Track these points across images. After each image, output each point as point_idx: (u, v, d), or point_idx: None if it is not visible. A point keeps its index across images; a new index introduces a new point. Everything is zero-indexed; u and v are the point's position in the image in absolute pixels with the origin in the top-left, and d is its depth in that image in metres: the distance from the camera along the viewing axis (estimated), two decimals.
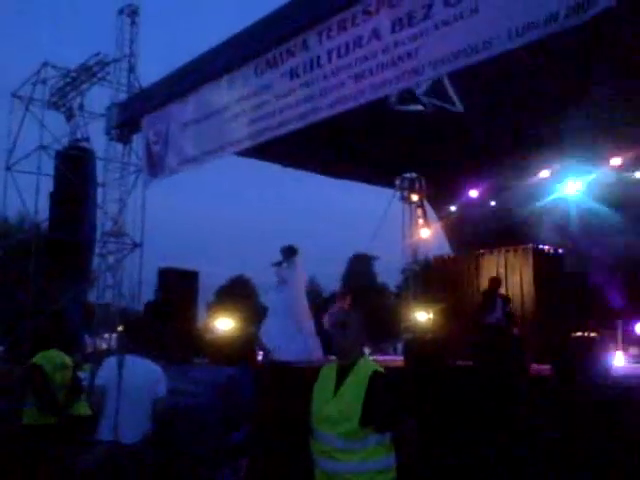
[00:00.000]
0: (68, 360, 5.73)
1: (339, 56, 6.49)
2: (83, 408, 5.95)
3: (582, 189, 11.35)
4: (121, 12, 19.44)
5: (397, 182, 13.01)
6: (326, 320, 8.50)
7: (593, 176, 11.05)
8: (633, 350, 10.54)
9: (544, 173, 11.58)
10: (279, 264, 9.01)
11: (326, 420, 3.17)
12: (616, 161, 10.69)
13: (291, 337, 8.73)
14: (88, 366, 7.74)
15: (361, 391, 3.12)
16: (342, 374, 3.24)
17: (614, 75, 8.05)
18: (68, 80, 18.94)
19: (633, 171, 10.83)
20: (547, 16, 4.71)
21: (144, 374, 4.29)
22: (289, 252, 9.03)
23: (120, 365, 4.26)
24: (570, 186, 11.43)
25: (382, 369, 3.25)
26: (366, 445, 3.09)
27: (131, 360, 4.34)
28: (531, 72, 8.07)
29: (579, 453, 4.53)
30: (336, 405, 3.16)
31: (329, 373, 3.33)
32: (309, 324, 9.18)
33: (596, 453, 4.46)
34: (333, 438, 3.12)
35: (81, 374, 6.72)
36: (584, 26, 4.62)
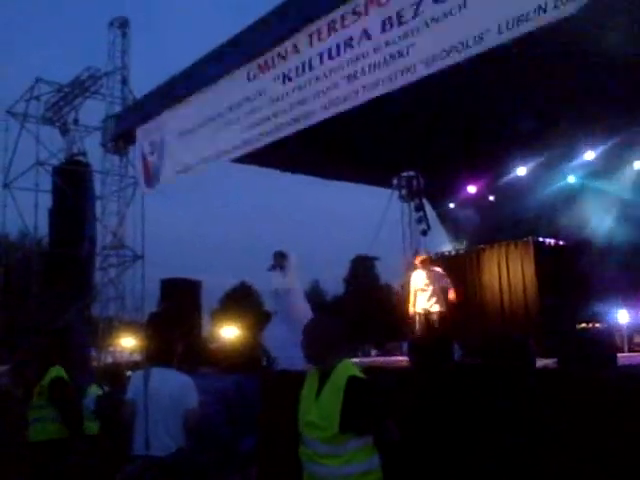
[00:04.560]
0: (65, 377, 5.71)
1: (330, 58, 6.47)
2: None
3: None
4: (111, 25, 19.46)
5: (395, 181, 12.94)
6: None
7: None
8: (637, 338, 10.50)
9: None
10: (273, 268, 8.92)
11: (309, 425, 3.21)
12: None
13: (296, 344, 8.65)
14: (95, 388, 7.59)
15: (339, 396, 3.12)
16: (322, 379, 3.26)
17: None
18: (61, 95, 18.95)
19: None
20: (536, 8, 4.68)
21: (173, 386, 4.17)
22: (280, 258, 8.91)
23: (146, 378, 4.17)
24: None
25: (360, 373, 3.26)
26: (347, 449, 3.10)
27: (159, 372, 4.23)
28: None
29: (586, 446, 4.49)
30: (317, 411, 3.19)
31: (312, 378, 3.36)
32: None
33: (603, 446, 4.42)
34: (316, 443, 3.16)
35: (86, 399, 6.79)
36: None
